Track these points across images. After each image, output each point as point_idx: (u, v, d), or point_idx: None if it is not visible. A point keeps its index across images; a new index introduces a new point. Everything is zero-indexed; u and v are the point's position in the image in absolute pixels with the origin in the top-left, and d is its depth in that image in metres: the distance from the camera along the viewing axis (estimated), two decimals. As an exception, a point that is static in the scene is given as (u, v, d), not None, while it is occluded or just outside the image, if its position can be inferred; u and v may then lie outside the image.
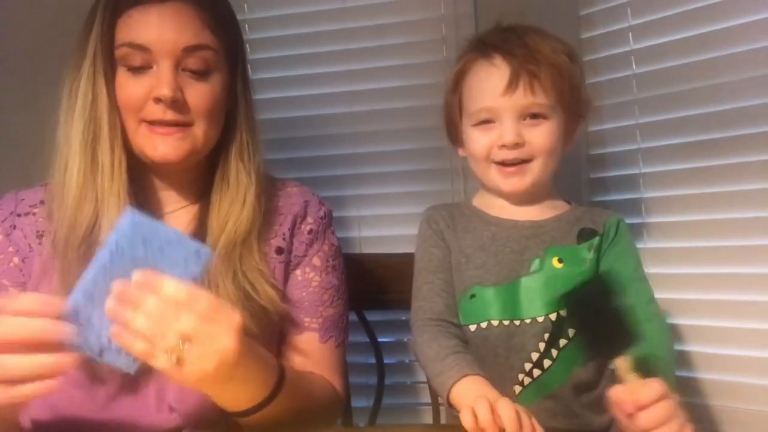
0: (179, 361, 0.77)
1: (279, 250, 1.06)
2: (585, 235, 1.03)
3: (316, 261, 1.08)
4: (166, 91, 0.93)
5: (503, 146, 1.02)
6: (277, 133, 1.57)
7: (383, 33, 1.55)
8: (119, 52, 0.95)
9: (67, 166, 0.96)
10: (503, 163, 1.03)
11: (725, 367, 1.23)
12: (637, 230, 1.34)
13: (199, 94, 0.97)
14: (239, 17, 1.59)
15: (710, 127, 1.25)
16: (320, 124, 1.59)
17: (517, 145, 1.01)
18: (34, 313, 0.75)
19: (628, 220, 1.34)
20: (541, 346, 0.99)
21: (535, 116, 1.01)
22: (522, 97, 1.00)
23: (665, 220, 1.32)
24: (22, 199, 1.03)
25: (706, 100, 1.25)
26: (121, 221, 0.79)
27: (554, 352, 0.99)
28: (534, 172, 1.03)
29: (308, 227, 1.09)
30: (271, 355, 0.94)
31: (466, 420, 0.79)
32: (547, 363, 0.99)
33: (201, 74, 0.97)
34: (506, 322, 1.00)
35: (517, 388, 1.00)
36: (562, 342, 0.99)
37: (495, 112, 1.02)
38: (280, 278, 1.05)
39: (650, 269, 1.31)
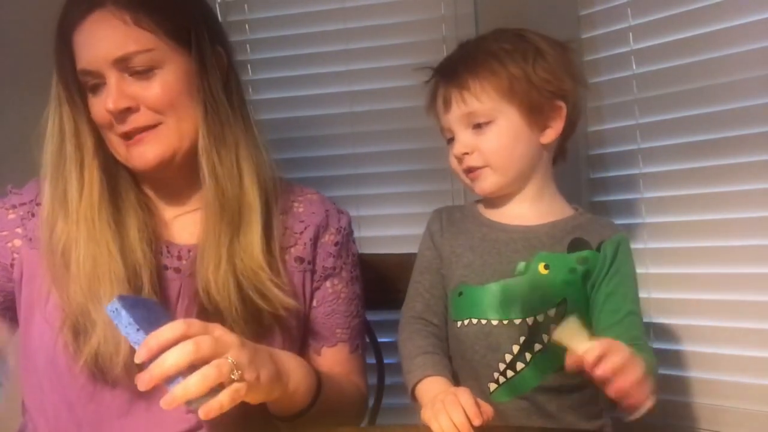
0: (243, 381, 0.82)
1: (299, 260, 1.06)
2: (576, 245, 1.03)
3: (344, 273, 1.10)
4: (110, 105, 0.94)
5: (459, 159, 1.07)
6: (277, 133, 1.56)
7: (383, 33, 1.55)
8: (81, 79, 0.97)
9: (43, 184, 0.99)
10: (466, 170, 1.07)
11: (724, 367, 1.23)
12: (637, 230, 1.34)
13: (152, 92, 0.96)
14: (239, 17, 1.62)
15: (710, 127, 1.25)
16: (320, 124, 1.59)
17: (466, 155, 1.05)
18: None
19: (628, 220, 1.35)
20: (515, 348, 1.00)
21: (479, 125, 1.04)
22: (457, 110, 1.05)
23: (665, 220, 1.32)
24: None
25: (706, 100, 1.25)
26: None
27: (528, 356, 1.00)
28: (492, 175, 1.05)
29: (333, 239, 1.09)
30: (305, 362, 0.99)
31: (429, 419, 0.87)
32: (519, 366, 1.00)
33: (146, 73, 0.95)
34: (484, 321, 1.02)
35: (492, 386, 1.02)
36: (537, 347, 1.00)
37: (449, 129, 1.08)
38: (299, 286, 1.06)
39: (650, 269, 1.32)
